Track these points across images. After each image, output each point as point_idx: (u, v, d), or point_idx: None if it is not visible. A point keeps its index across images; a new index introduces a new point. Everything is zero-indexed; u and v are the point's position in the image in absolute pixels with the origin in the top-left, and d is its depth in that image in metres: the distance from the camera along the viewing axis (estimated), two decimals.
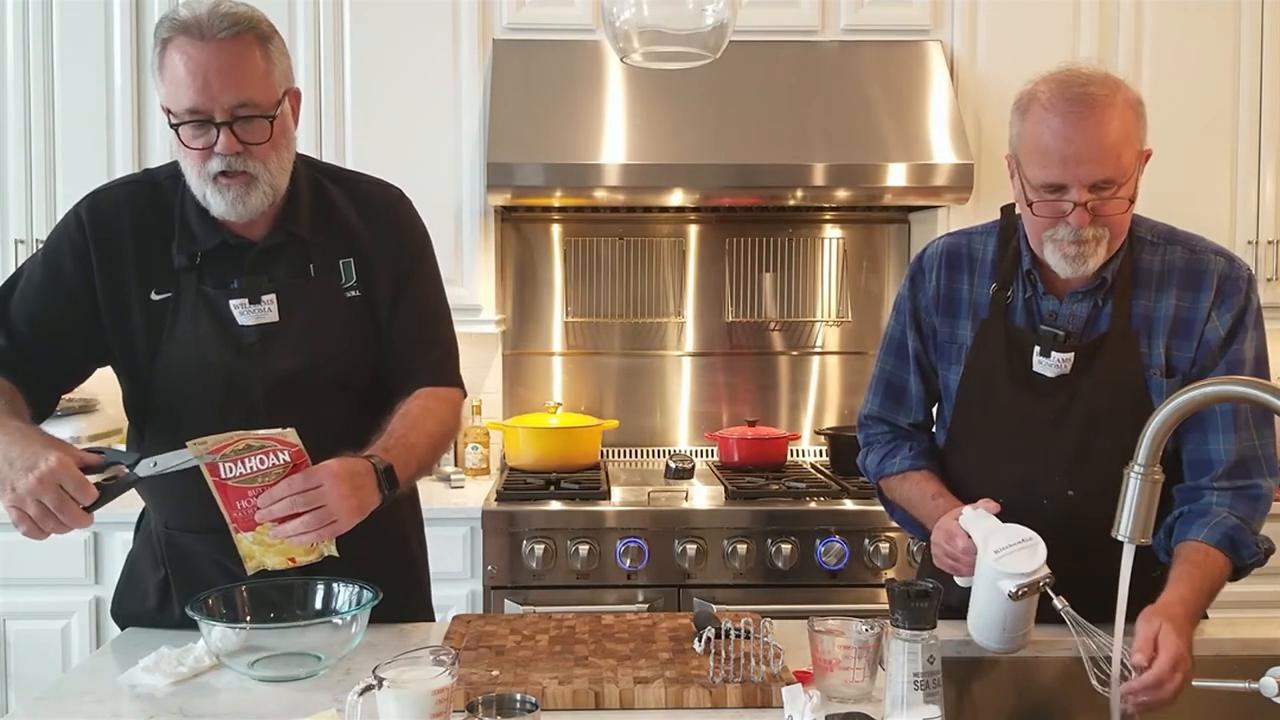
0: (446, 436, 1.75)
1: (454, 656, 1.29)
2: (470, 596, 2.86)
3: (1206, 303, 1.65)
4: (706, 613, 1.68)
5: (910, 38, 3.17)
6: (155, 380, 1.68)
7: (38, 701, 1.46)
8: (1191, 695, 1.45)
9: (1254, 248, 3.20)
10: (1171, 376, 1.64)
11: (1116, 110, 1.54)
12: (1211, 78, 3.18)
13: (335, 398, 1.72)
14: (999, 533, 1.53)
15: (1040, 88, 1.59)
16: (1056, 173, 1.55)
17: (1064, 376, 1.66)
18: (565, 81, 3.08)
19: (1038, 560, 1.49)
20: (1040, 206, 1.59)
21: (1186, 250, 1.69)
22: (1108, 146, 1.53)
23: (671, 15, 1.65)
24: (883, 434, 1.89)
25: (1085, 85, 1.55)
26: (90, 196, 1.71)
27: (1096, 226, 1.57)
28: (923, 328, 1.82)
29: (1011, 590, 1.49)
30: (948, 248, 1.81)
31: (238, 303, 1.66)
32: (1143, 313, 1.66)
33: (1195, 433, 1.66)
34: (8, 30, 3.07)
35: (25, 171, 3.08)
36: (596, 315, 3.53)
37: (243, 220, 1.64)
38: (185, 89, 1.54)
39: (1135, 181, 1.59)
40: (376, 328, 1.75)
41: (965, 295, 1.77)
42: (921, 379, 1.84)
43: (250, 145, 1.57)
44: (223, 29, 1.54)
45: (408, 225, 1.82)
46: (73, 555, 2.82)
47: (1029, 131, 1.59)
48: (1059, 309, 1.69)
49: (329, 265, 1.72)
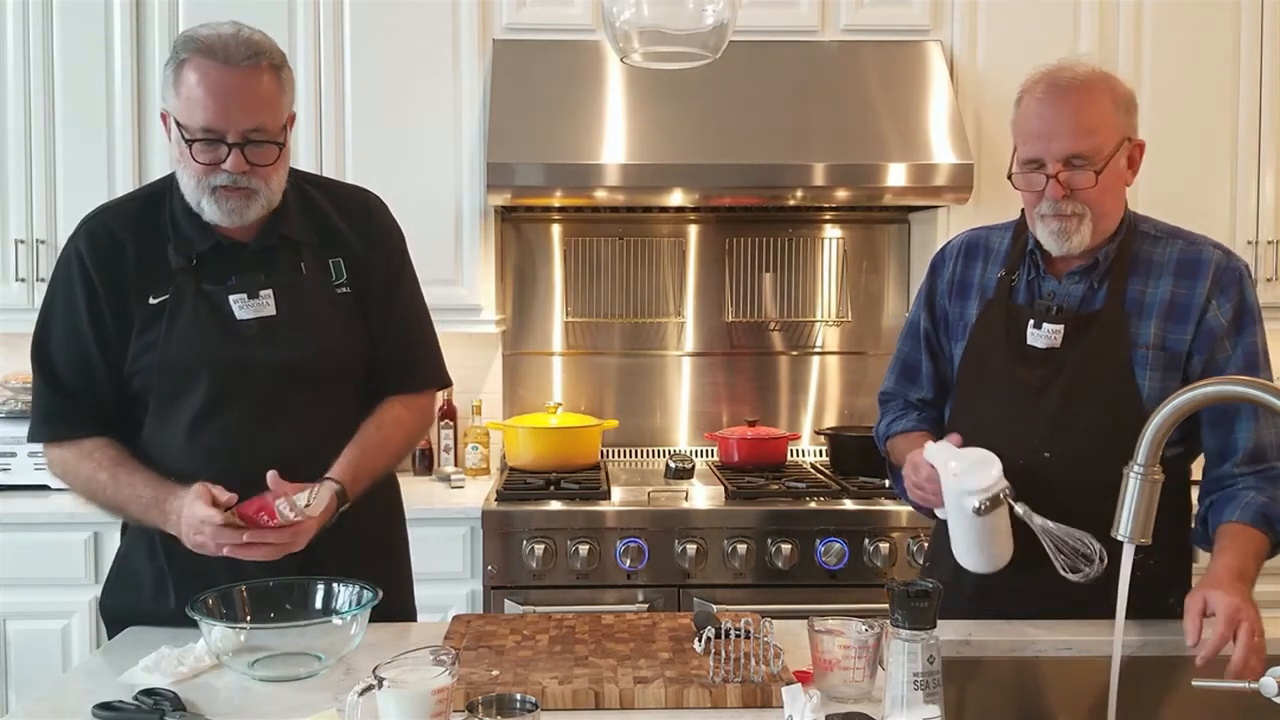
0: (413, 444, 1.91)
1: (454, 656, 1.29)
2: (470, 596, 2.86)
3: (1203, 290, 1.72)
4: (706, 613, 1.68)
5: (910, 38, 3.17)
6: (154, 374, 1.72)
7: (38, 701, 1.46)
8: (1192, 695, 1.46)
9: (1254, 248, 3.20)
10: (1161, 351, 1.71)
11: (1095, 96, 1.69)
12: (1211, 78, 3.18)
13: (331, 388, 1.80)
14: (957, 457, 1.66)
15: (1033, 78, 1.75)
16: (1034, 148, 1.70)
17: (1054, 349, 1.76)
18: (565, 81, 3.08)
19: (994, 474, 1.61)
20: (1019, 179, 1.74)
21: (1186, 243, 1.78)
22: (1080, 124, 1.67)
23: (671, 15, 1.66)
24: (896, 405, 2.02)
25: (1071, 74, 1.71)
26: (83, 224, 1.77)
27: (1074, 203, 1.69)
28: (935, 311, 1.94)
29: (975, 505, 1.60)
30: (968, 240, 1.94)
31: (237, 297, 1.73)
32: (1137, 296, 1.75)
33: (1220, 426, 1.72)
34: (8, 32, 3.07)
35: (25, 172, 3.08)
36: (596, 315, 3.53)
37: (234, 226, 1.71)
38: (203, 109, 1.62)
39: (1114, 164, 1.69)
40: (367, 323, 1.83)
41: (977, 280, 1.89)
42: (931, 358, 1.96)
43: (256, 166, 1.66)
44: (244, 57, 1.63)
45: (390, 227, 1.92)
46: (73, 555, 2.82)
47: (1020, 117, 1.75)
48: (1057, 288, 1.79)
49: (320, 264, 1.80)
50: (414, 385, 1.89)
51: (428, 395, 1.93)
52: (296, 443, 1.72)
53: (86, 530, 2.80)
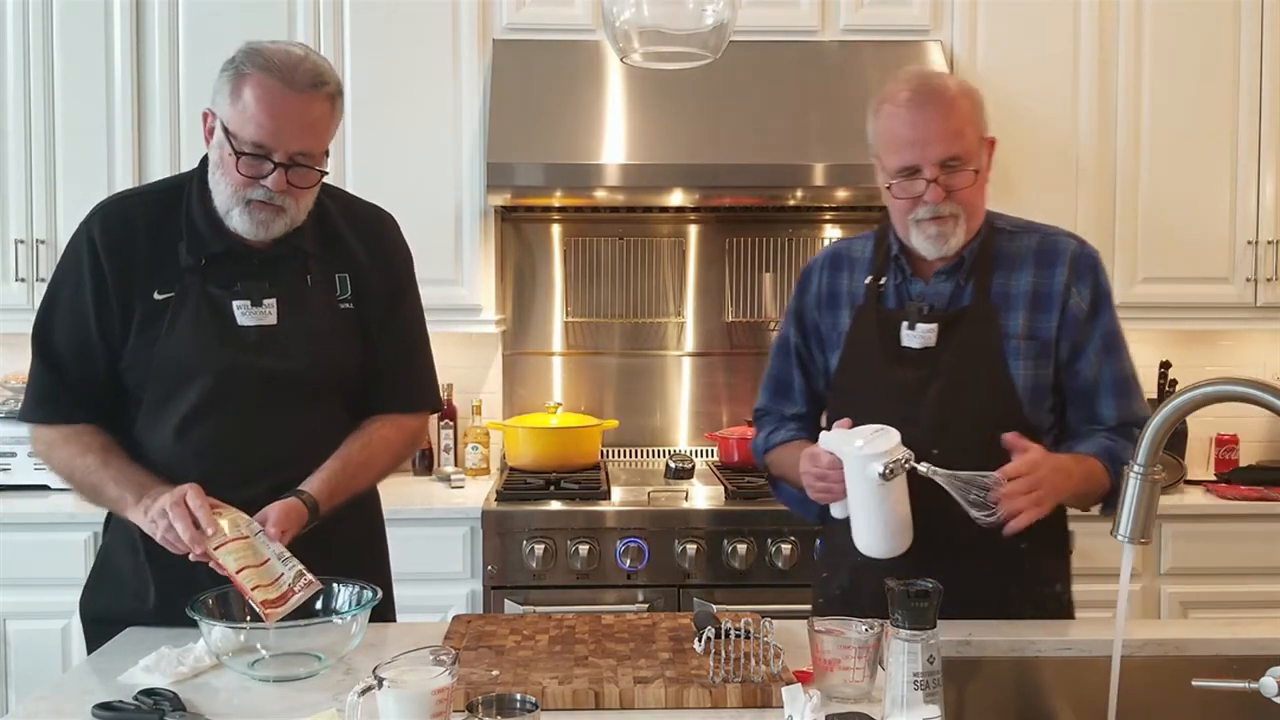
0: (396, 465, 1.90)
1: (454, 656, 1.29)
2: (470, 596, 2.86)
3: (1062, 278, 1.80)
4: (706, 613, 1.68)
5: (910, 38, 3.17)
6: (149, 372, 1.72)
7: (38, 701, 1.46)
8: (1192, 695, 1.46)
9: (1254, 248, 3.20)
10: (1032, 341, 1.79)
11: (956, 99, 1.76)
12: (1211, 78, 3.18)
13: (323, 399, 1.80)
14: (854, 434, 1.70)
15: (889, 90, 1.79)
16: (909, 155, 1.75)
17: (929, 348, 1.81)
18: (565, 81, 3.08)
19: (893, 439, 1.65)
20: (898, 189, 1.78)
21: (1042, 235, 1.86)
22: (951, 128, 1.74)
23: (671, 15, 1.66)
24: (772, 420, 2.04)
25: (926, 81, 1.79)
26: (99, 210, 1.78)
27: (951, 204, 1.75)
28: (805, 325, 1.97)
29: (881, 470, 1.63)
30: (831, 252, 1.99)
31: (240, 304, 1.73)
32: (1001, 289, 1.82)
33: (1084, 405, 1.82)
34: (8, 32, 3.07)
35: (25, 172, 3.08)
36: (596, 315, 3.53)
37: (256, 239, 1.72)
38: (257, 126, 1.64)
39: (982, 161, 1.78)
40: (365, 340, 1.84)
41: (845, 290, 1.93)
42: (803, 373, 1.99)
43: (294, 187, 1.69)
44: (307, 84, 1.66)
45: (398, 247, 1.93)
46: (73, 555, 2.82)
47: (883, 128, 1.80)
48: (925, 289, 1.85)
49: (326, 278, 1.81)
50: (405, 406, 1.89)
51: (419, 418, 1.93)
52: (283, 450, 1.74)
53: (86, 530, 2.80)
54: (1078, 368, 1.81)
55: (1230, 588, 2.98)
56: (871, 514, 1.69)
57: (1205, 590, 2.98)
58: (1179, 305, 3.20)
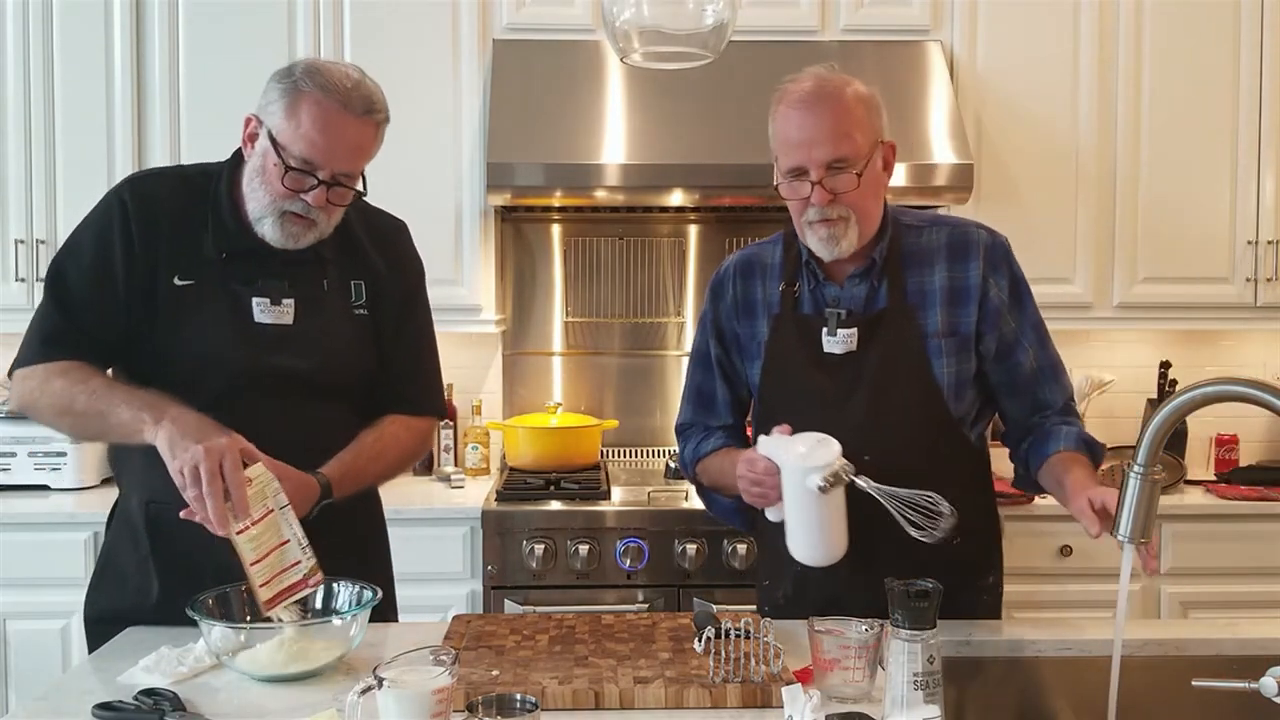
0: (405, 464, 1.92)
1: (454, 656, 1.29)
2: (470, 596, 2.86)
3: (978, 270, 1.80)
4: (706, 613, 1.68)
5: (910, 38, 3.17)
6: (161, 362, 1.72)
7: (38, 701, 1.46)
8: (1191, 695, 1.46)
9: (1254, 248, 3.20)
10: (952, 337, 1.78)
11: (845, 101, 1.74)
12: (1211, 78, 3.18)
13: (332, 400, 1.81)
14: (794, 442, 1.66)
15: (785, 89, 1.79)
16: (796, 157, 1.74)
17: (851, 353, 1.79)
18: (565, 81, 3.08)
19: (834, 451, 1.62)
20: (785, 189, 1.78)
21: (950, 228, 1.85)
22: (838, 130, 1.72)
23: (671, 15, 1.66)
24: (697, 431, 2.00)
25: (821, 83, 1.76)
26: (130, 181, 1.80)
27: (840, 206, 1.73)
28: (724, 336, 1.94)
29: (819, 483, 1.60)
30: (741, 259, 1.96)
31: (259, 301, 1.76)
32: (917, 287, 1.81)
33: (1023, 393, 1.83)
34: (8, 31, 3.07)
35: (25, 172, 3.08)
36: (596, 315, 3.53)
37: (283, 248, 1.74)
38: (309, 144, 1.67)
39: (872, 166, 1.75)
40: (377, 345, 1.86)
41: (760, 297, 1.90)
42: (726, 384, 1.96)
43: (330, 205, 1.72)
44: (362, 110, 1.70)
45: (412, 257, 1.96)
46: (73, 555, 2.81)
47: (777, 129, 1.79)
48: (840, 293, 1.83)
49: (343, 284, 1.84)
50: (413, 410, 1.91)
51: (426, 421, 1.94)
52: (288, 447, 1.72)
53: (86, 530, 2.79)
54: (1016, 360, 1.81)
55: (1230, 588, 2.98)
56: (808, 524, 1.66)
57: (1205, 590, 2.98)
58: (1179, 305, 3.20)
